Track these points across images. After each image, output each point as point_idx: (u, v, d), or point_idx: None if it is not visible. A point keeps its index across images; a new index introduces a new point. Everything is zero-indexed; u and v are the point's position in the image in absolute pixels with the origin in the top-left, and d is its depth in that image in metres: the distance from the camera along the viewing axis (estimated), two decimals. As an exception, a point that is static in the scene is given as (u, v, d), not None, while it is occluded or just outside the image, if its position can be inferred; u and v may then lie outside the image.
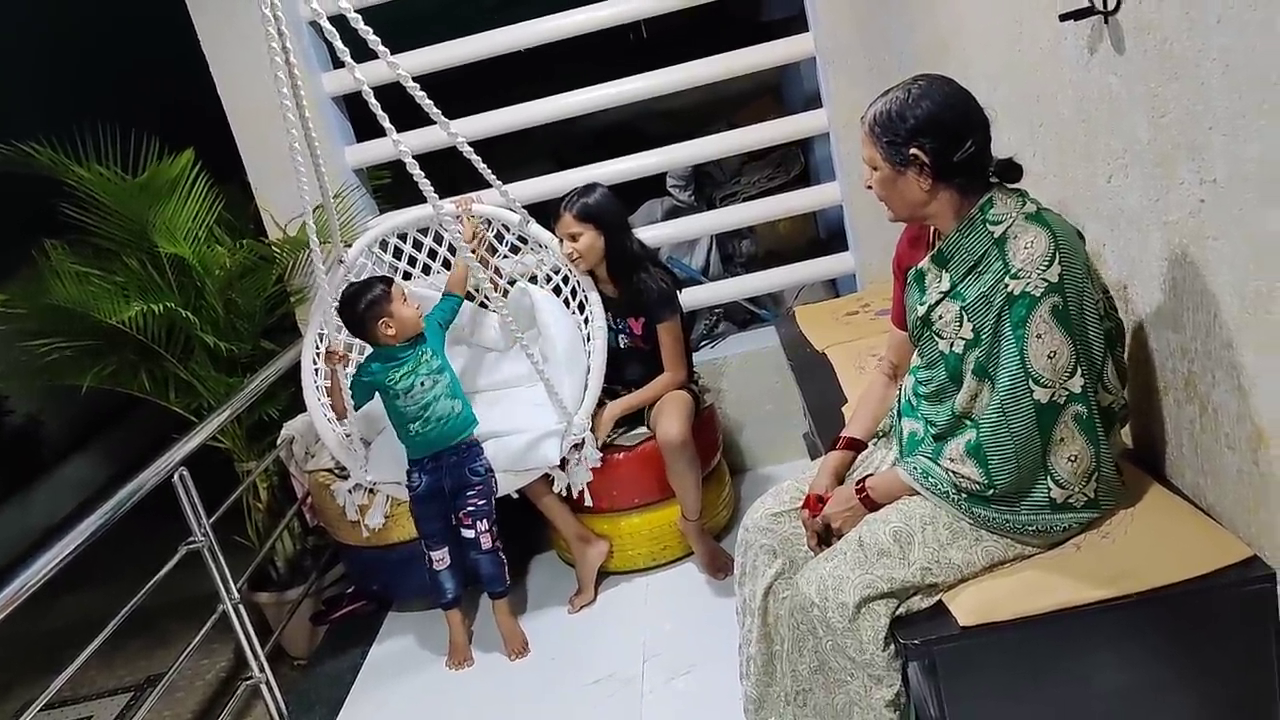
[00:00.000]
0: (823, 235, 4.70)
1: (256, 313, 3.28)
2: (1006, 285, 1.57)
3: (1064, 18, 1.70)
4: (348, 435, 2.86)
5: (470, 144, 2.63)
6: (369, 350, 2.79)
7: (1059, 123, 1.98)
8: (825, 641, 1.65)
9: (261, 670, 2.65)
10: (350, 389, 2.72)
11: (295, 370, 3.01)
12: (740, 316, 4.12)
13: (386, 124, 2.40)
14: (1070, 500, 1.61)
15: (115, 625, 2.31)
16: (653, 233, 3.54)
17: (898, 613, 1.63)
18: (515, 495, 2.89)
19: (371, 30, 2.26)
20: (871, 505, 1.77)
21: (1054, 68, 1.95)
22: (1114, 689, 1.60)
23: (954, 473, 1.64)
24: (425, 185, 2.52)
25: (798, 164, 4.68)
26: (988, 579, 1.64)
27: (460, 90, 4.01)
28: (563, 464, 2.84)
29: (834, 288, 4.16)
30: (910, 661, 1.64)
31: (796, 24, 3.37)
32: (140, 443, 4.66)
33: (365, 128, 3.55)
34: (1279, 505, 1.47)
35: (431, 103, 2.48)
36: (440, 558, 2.78)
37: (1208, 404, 1.62)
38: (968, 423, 1.67)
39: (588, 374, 2.93)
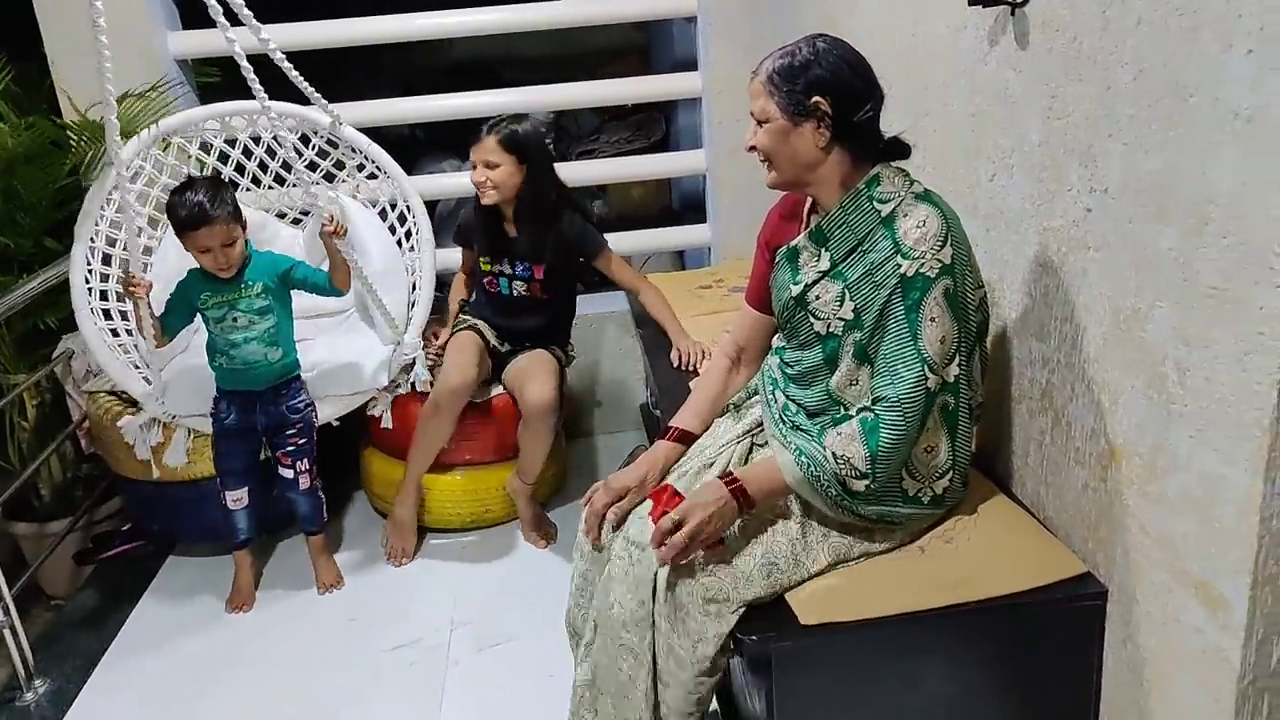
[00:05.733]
0: (676, 206, 4.62)
1: (41, 206, 2.86)
2: (899, 266, 1.49)
3: (973, 2, 1.64)
4: (137, 366, 2.54)
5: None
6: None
7: (946, 114, 1.93)
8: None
9: (6, 613, 2.31)
10: (166, 308, 2.43)
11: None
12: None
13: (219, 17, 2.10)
14: (919, 494, 1.57)
15: None
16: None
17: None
18: (336, 424, 2.70)
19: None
20: (748, 503, 1.54)
21: (949, 58, 1.89)
22: (942, 695, 1.57)
23: (834, 454, 1.51)
24: (259, 91, 2.27)
25: (659, 129, 4.58)
26: (832, 577, 1.57)
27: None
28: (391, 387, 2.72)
29: (680, 260, 4.09)
30: (744, 656, 1.56)
31: (680, -21, 3.23)
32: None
33: (193, 13, 3.18)
34: (1120, 524, 1.47)
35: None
36: (238, 498, 2.56)
37: (1062, 416, 1.61)
38: (843, 408, 1.60)
39: (412, 291, 2.77)
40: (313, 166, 2.90)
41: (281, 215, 3.03)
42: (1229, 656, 1.25)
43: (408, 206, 2.83)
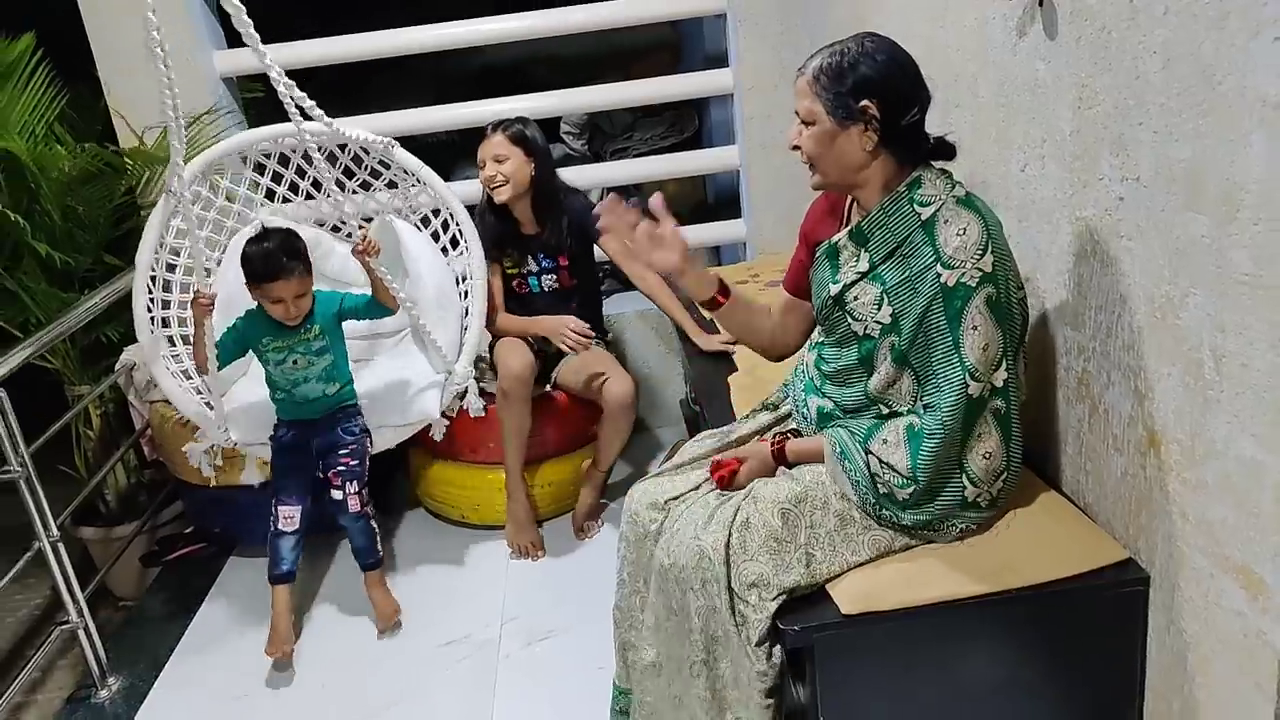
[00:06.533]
0: (711, 201, 4.64)
1: (100, 224, 2.96)
2: (939, 275, 1.50)
3: (1000, -6, 1.65)
4: (200, 394, 2.57)
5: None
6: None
7: (976, 106, 1.94)
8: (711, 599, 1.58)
9: (80, 615, 2.42)
10: (218, 342, 2.41)
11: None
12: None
13: (249, 31, 2.02)
14: (978, 499, 1.58)
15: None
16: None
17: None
18: (395, 449, 2.72)
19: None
20: (782, 460, 1.71)
21: (977, 49, 1.90)
22: (985, 682, 1.59)
23: (880, 460, 1.57)
24: (295, 115, 2.19)
25: (692, 125, 4.59)
26: (871, 568, 1.60)
27: (339, 7, 3.74)
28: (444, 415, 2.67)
29: (717, 256, 4.11)
30: (785, 647, 1.59)
31: (710, -23, 3.25)
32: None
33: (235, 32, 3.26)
34: (1161, 510, 1.48)
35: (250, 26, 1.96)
36: (290, 515, 2.50)
37: (1099, 404, 1.62)
38: (884, 406, 1.62)
39: (465, 317, 2.74)
40: (365, 186, 2.91)
41: (336, 229, 3.04)
42: (1271, 639, 1.26)
43: (460, 231, 2.79)
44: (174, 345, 2.66)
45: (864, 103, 1.50)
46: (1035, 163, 1.74)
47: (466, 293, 2.77)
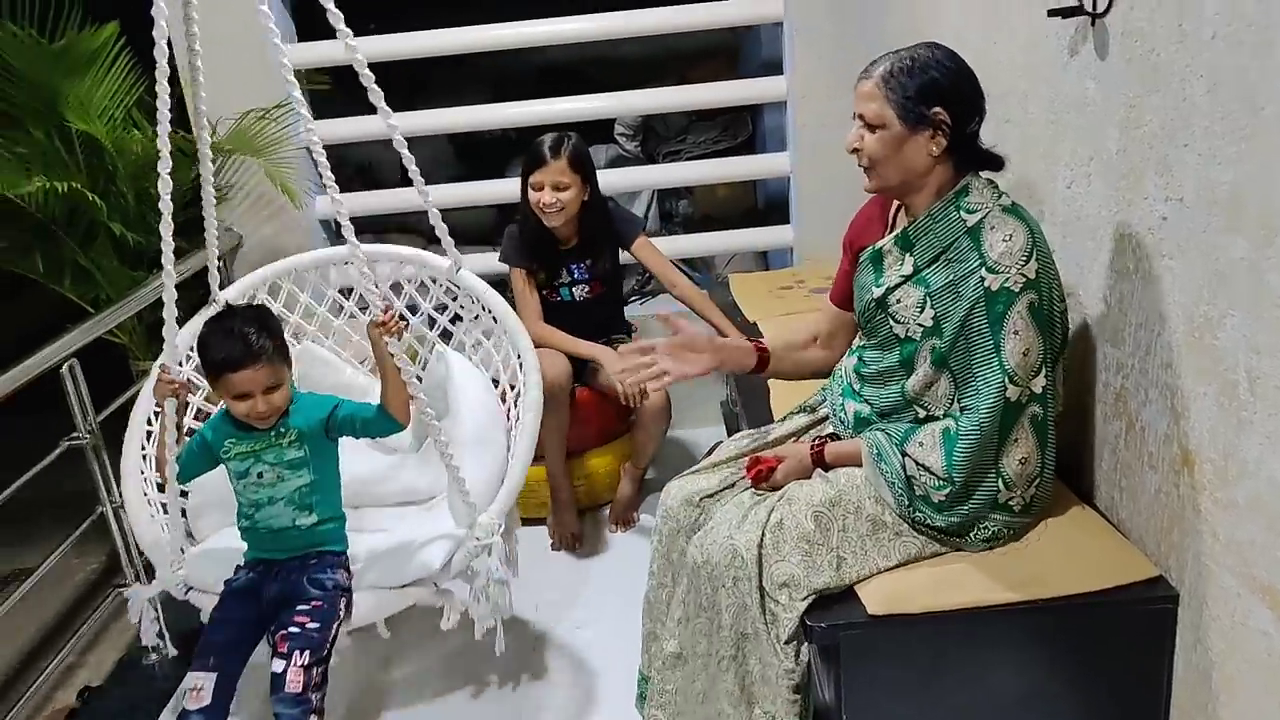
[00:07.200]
0: (761, 206, 4.67)
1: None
2: (984, 280, 1.53)
3: (1052, 14, 1.67)
4: (166, 511, 2.01)
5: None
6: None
7: (1026, 122, 1.96)
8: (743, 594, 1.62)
9: (137, 578, 2.53)
10: (185, 450, 1.92)
11: (205, 272, 2.83)
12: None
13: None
14: (1010, 502, 1.60)
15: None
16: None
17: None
18: (385, 632, 2.26)
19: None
20: (820, 462, 1.75)
21: (1030, 66, 1.92)
22: (1010, 691, 1.61)
23: (916, 462, 1.60)
24: (353, 240, 1.86)
25: (745, 130, 4.64)
26: (901, 571, 1.63)
27: (404, 4, 3.83)
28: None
29: (764, 260, 4.15)
30: (812, 643, 1.62)
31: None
32: (27, 327, 4.38)
33: (308, 24, 3.38)
34: (1192, 528, 1.49)
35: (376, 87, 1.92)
36: (198, 687, 1.77)
37: (1136, 422, 1.63)
38: (920, 409, 1.65)
39: (507, 460, 2.26)
40: (429, 322, 2.62)
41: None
42: (1294, 660, 1.27)
43: (520, 363, 2.36)
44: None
45: (935, 109, 1.54)
46: (1081, 180, 1.75)
47: (511, 454, 2.29)
